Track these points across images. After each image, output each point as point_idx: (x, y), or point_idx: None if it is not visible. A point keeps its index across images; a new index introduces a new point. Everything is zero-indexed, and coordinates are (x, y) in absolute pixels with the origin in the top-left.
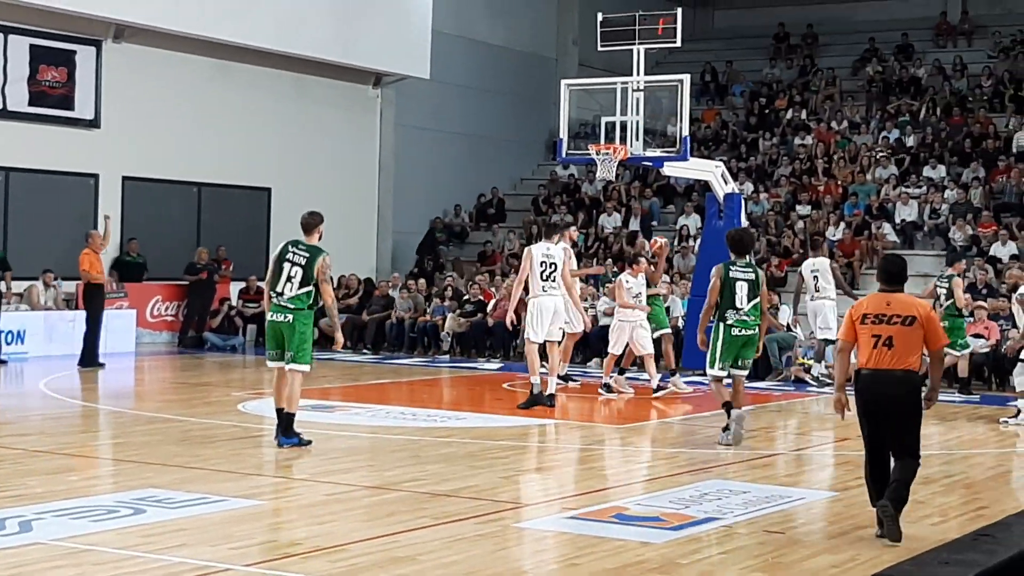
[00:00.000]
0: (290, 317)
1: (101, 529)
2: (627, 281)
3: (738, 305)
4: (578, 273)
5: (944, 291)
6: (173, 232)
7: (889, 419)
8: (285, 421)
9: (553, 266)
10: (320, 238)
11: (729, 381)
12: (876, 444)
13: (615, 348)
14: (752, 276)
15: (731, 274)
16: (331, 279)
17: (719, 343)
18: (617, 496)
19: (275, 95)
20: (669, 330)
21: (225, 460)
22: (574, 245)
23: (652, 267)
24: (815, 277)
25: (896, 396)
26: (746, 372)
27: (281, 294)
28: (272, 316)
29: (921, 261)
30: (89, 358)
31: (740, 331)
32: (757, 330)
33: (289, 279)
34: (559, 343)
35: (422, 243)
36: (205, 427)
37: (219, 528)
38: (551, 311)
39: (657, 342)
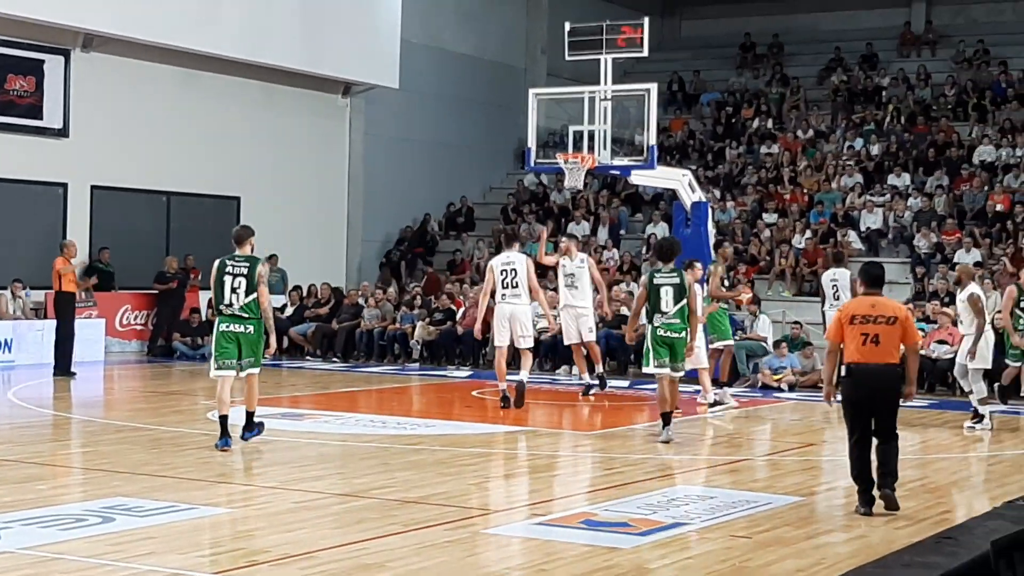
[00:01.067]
0: (250, 328)
1: (70, 538)
2: None
3: (663, 309)
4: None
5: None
6: (142, 241)
7: (876, 406)
8: (247, 418)
9: (514, 273)
10: (252, 250)
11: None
12: (862, 429)
13: (702, 361)
14: (676, 280)
15: (655, 280)
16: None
17: (649, 342)
18: (585, 502)
19: (244, 104)
20: (732, 342)
21: (194, 468)
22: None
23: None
24: (834, 287)
25: (883, 387)
26: (679, 374)
27: (230, 305)
28: (227, 327)
29: (886, 269)
30: (62, 366)
31: (666, 332)
32: (684, 334)
33: (234, 291)
34: (530, 349)
35: (415, 233)
36: (174, 435)
37: (188, 536)
38: (507, 317)
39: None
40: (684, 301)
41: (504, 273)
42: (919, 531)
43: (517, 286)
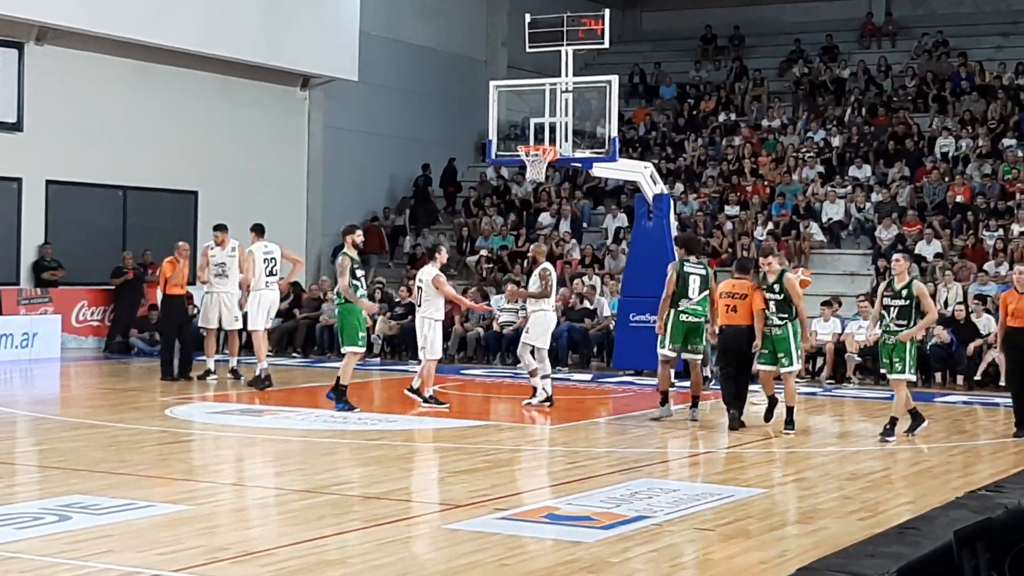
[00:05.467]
0: (336, 311)
1: (26, 536)
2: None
3: (690, 295)
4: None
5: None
6: (99, 236)
7: (738, 353)
8: (338, 389)
9: (273, 261)
10: (352, 245)
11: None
12: (729, 367)
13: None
14: (703, 272)
15: (685, 269)
16: (346, 270)
17: (669, 326)
18: (548, 496)
19: (201, 97)
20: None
21: (152, 465)
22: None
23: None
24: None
25: (741, 341)
26: (698, 357)
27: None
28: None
29: (848, 260)
30: (182, 368)
31: (688, 318)
32: (703, 320)
33: (336, 281)
34: (265, 331)
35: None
36: (132, 432)
37: (146, 533)
38: (270, 302)
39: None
40: (707, 291)
41: (266, 262)
42: (880, 523)
43: (275, 274)
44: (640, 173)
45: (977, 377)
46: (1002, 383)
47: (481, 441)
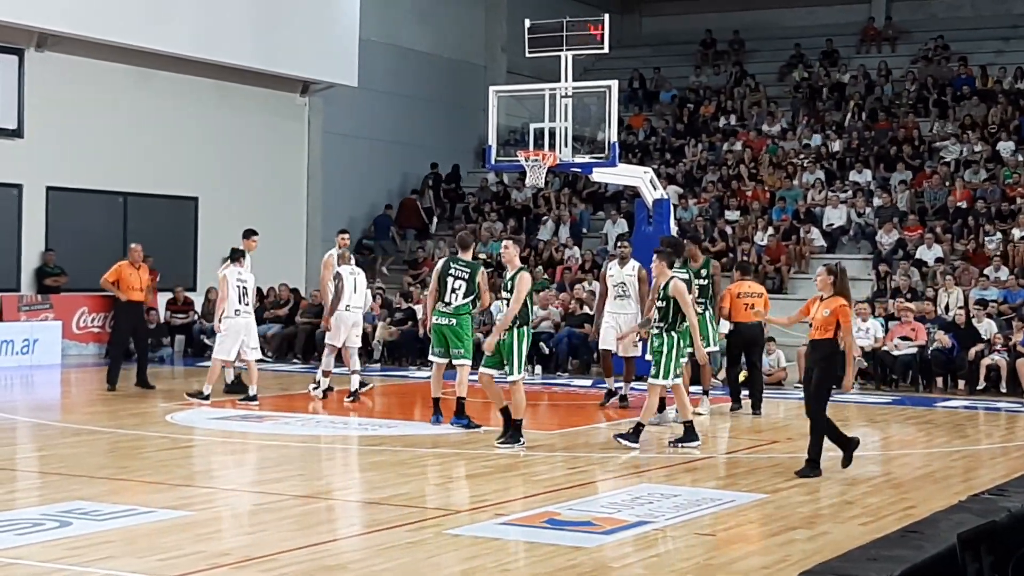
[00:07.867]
0: (454, 321)
1: (26, 542)
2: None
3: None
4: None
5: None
6: (98, 243)
7: (750, 346)
8: (458, 406)
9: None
10: (474, 255)
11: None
12: (738, 361)
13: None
14: (686, 276)
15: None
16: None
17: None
18: (549, 501)
19: (202, 103)
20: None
21: (153, 471)
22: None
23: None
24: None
25: (757, 334)
26: None
27: (449, 304)
28: (437, 320)
29: (848, 265)
30: (141, 376)
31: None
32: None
33: (454, 291)
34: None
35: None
36: (133, 438)
37: (147, 539)
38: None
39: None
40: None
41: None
42: (882, 527)
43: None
44: (640, 178)
45: (980, 387)
46: (1003, 389)
47: (481, 446)
